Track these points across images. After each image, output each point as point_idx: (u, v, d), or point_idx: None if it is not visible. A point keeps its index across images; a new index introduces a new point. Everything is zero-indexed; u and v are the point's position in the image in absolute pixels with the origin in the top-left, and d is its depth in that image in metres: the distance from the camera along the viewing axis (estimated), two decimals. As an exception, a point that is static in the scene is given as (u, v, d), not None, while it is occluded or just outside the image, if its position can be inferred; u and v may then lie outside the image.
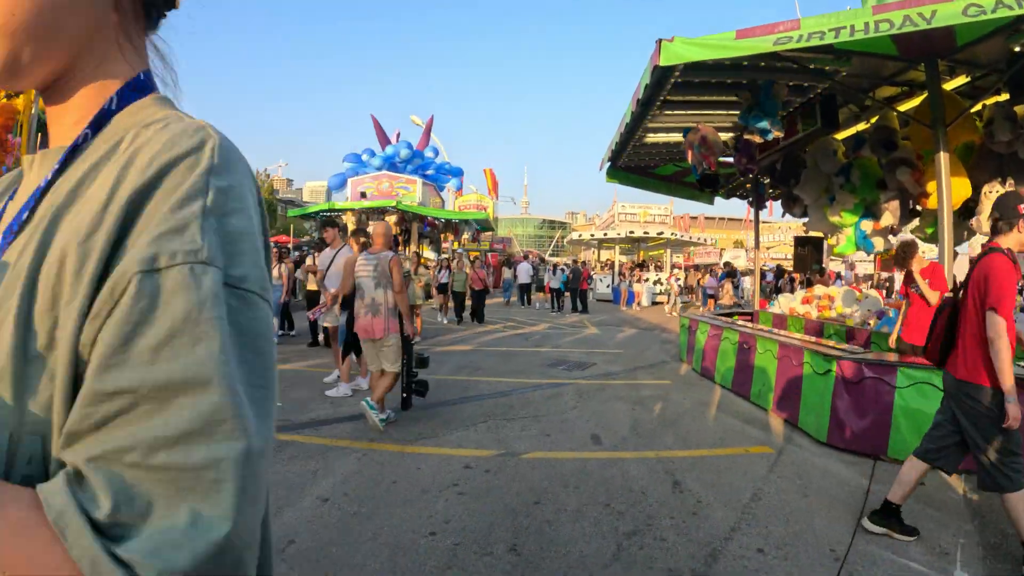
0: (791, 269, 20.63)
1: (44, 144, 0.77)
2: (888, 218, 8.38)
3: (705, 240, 34.23)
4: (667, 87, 6.05)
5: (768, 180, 11.14)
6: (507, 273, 23.62)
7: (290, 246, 20.73)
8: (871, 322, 7.73)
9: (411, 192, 22.69)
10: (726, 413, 6.16)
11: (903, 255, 6.21)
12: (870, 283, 19.68)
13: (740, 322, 8.23)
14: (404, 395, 5.39)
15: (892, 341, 6.20)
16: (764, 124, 6.15)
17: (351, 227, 20.20)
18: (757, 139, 6.50)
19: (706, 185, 10.07)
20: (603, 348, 10.77)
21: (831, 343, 6.44)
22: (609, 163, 9.37)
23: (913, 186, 7.73)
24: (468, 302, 14.98)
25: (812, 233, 11.58)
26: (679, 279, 22.24)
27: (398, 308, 5.07)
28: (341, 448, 4.57)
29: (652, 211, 31.16)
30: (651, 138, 8.15)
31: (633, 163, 9.73)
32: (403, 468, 4.17)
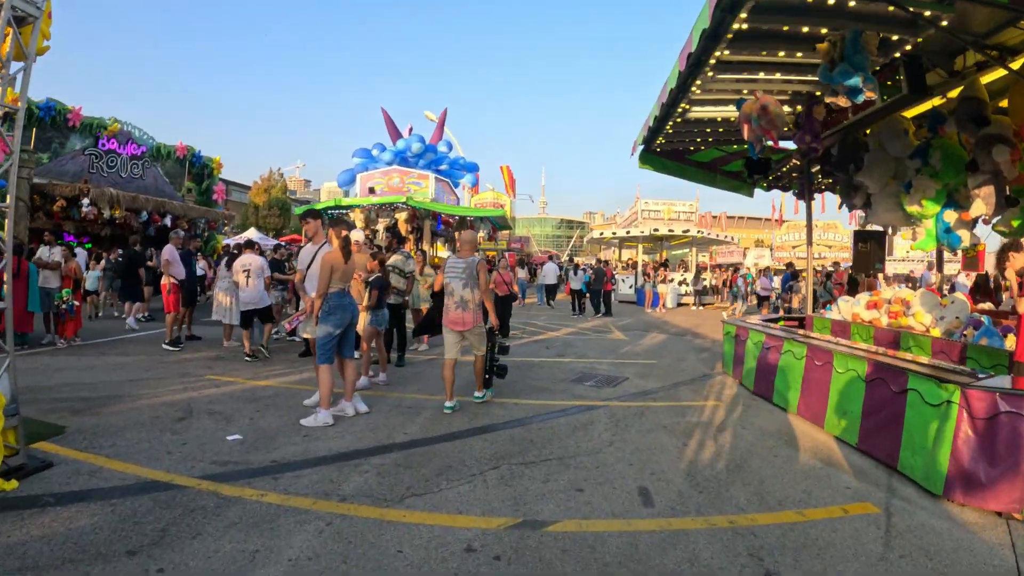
0: (828, 268, 19.15)
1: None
2: (979, 207, 6.99)
3: (732, 238, 32.68)
4: (726, 38, 4.78)
5: (818, 168, 9.76)
6: (520, 274, 22.37)
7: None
8: (966, 333, 6.35)
9: (423, 188, 21.47)
10: (800, 449, 4.88)
11: (1002, 256, 4.85)
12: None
13: (809, 334, 6.92)
14: (487, 375, 6.21)
15: None
16: (855, 81, 4.84)
17: (359, 224, 19.08)
18: (842, 102, 5.19)
19: (755, 172, 8.72)
20: (633, 358, 9.48)
21: (935, 362, 5.11)
22: (642, 146, 8.09)
23: (1010, 168, 6.40)
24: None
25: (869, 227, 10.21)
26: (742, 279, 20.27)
27: (483, 303, 5.79)
28: (300, 512, 3.36)
29: (676, 208, 29.59)
30: (695, 113, 6.86)
31: (669, 147, 8.44)
32: (378, 551, 2.94)
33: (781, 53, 5.44)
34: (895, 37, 5.40)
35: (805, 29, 5.00)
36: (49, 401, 5.77)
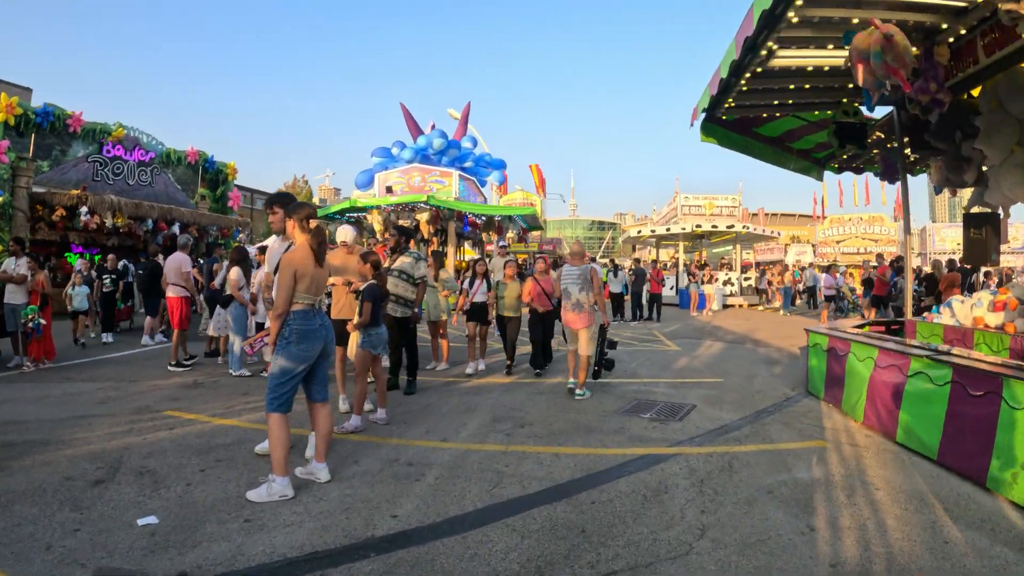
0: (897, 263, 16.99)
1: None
2: None
3: (777, 234, 30.48)
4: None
5: (908, 139, 7.93)
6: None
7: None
8: None
9: (446, 186, 19.96)
10: (971, 527, 3.23)
11: None
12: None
13: (952, 351, 5.23)
14: (596, 368, 6.70)
15: None
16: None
17: (377, 227, 17.73)
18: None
19: (849, 139, 6.95)
20: (694, 375, 7.83)
21: None
22: (705, 113, 6.46)
23: None
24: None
25: (976, 209, 8.36)
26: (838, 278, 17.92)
27: (596, 305, 6.44)
28: None
29: (719, 203, 27.59)
30: (780, 59, 5.21)
31: (738, 113, 6.78)
32: None
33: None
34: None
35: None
36: (-41, 450, 4.47)
